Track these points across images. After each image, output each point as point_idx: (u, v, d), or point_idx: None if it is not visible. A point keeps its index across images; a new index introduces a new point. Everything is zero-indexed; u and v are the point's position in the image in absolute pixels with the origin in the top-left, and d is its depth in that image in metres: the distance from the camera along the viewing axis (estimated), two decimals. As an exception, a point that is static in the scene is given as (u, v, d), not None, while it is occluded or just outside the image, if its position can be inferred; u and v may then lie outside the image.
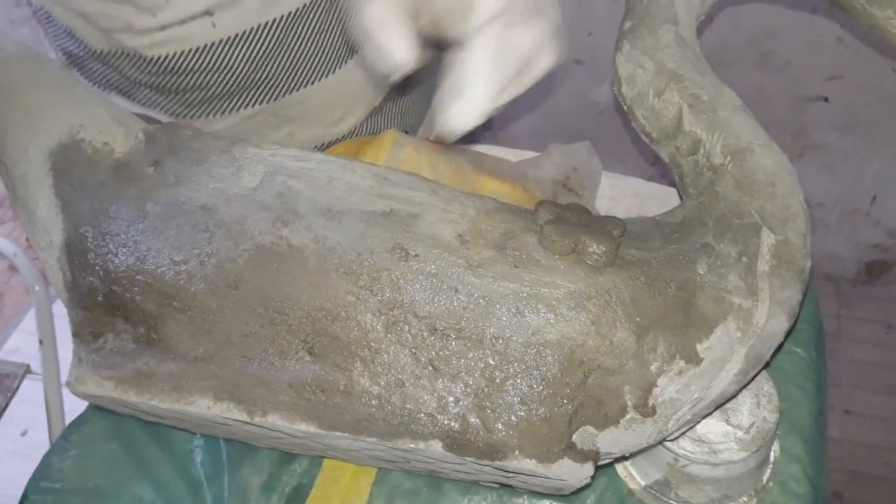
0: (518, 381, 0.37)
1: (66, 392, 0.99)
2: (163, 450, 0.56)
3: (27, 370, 0.95)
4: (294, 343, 0.39)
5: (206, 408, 0.39)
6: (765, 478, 0.50)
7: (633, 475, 0.51)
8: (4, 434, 1.35)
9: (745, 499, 0.49)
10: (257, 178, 0.42)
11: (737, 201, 0.43)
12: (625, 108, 0.50)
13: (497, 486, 0.48)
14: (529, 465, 0.37)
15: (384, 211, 0.40)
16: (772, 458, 0.51)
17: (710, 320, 0.38)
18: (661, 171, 1.45)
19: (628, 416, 0.37)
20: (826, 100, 1.39)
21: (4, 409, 0.90)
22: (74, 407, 0.64)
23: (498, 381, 0.37)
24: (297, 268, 0.39)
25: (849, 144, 1.45)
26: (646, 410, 0.38)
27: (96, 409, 0.60)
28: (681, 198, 0.50)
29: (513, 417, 0.37)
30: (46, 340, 0.96)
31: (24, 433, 1.41)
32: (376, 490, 0.52)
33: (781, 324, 0.40)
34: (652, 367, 0.37)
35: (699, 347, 0.38)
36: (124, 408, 0.46)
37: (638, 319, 0.37)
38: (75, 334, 0.45)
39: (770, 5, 1.28)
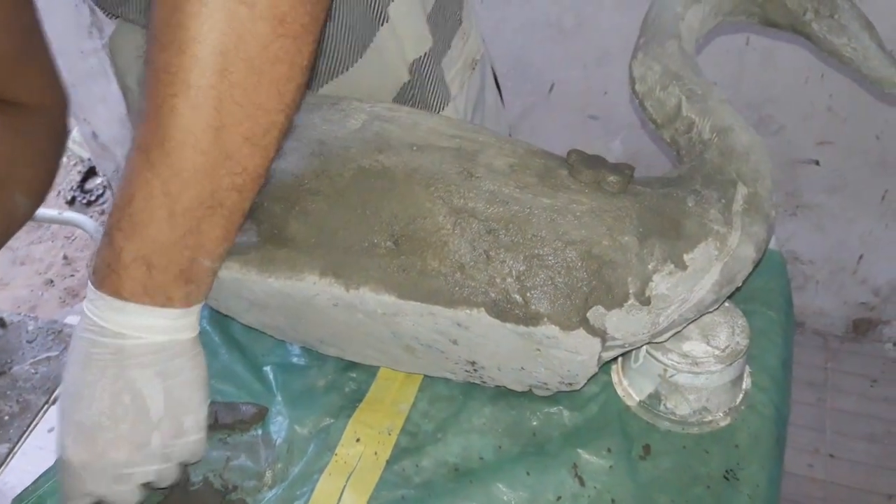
0: (549, 267, 0.50)
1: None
2: (242, 359, 0.68)
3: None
4: (383, 235, 0.52)
5: (312, 283, 0.52)
6: (738, 400, 0.62)
7: (629, 393, 0.63)
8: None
9: (721, 414, 0.61)
10: (360, 122, 0.56)
11: (719, 164, 0.56)
12: (637, 101, 0.64)
13: (523, 390, 0.60)
14: (554, 331, 0.49)
15: (456, 147, 0.54)
16: (744, 387, 0.63)
17: (694, 238, 0.51)
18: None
19: (630, 302, 0.50)
20: (817, 163, 1.52)
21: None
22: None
23: (534, 266, 0.50)
24: (389, 182, 0.53)
25: (837, 205, 1.57)
26: (643, 299, 0.50)
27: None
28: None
29: (543, 293, 0.49)
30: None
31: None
32: (420, 395, 0.64)
33: (749, 252, 0.53)
34: (649, 266, 0.50)
35: (685, 257, 0.51)
36: (236, 300, 0.58)
37: (641, 230, 0.50)
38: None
39: (770, 74, 1.44)
